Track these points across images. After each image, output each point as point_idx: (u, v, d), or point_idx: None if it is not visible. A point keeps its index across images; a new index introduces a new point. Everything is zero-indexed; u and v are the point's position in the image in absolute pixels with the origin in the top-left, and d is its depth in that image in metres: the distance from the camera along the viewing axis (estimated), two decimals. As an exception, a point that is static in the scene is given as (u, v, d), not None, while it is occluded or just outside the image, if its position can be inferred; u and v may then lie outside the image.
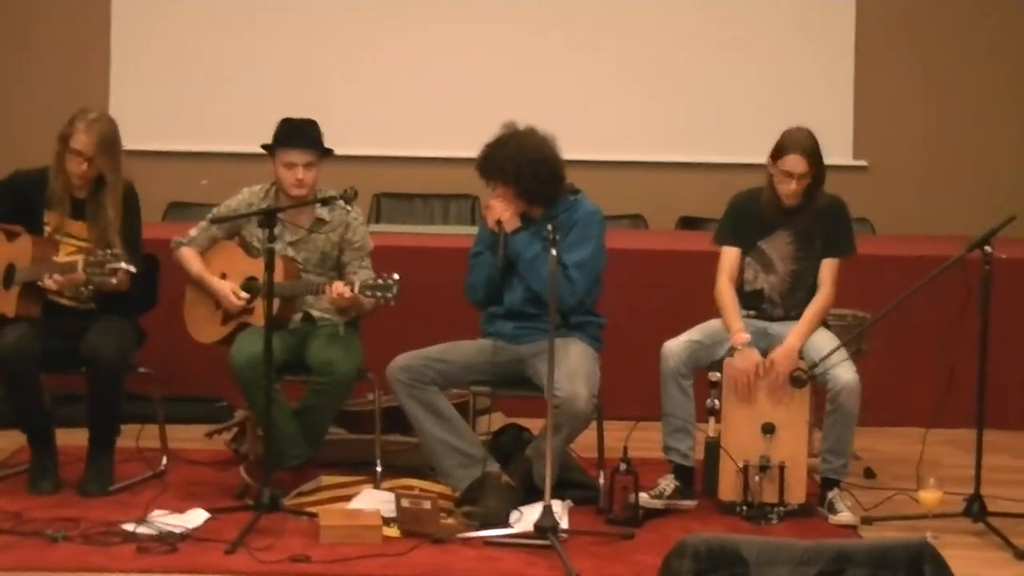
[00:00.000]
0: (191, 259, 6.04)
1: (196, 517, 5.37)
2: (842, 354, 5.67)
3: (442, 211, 9.30)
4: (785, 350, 5.75)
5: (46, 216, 5.84)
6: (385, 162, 9.36)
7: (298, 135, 5.94)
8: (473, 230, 6.35)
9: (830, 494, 5.75)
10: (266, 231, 5.42)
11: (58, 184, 5.80)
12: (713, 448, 5.85)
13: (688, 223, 9.29)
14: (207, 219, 6.06)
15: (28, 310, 5.78)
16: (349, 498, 5.74)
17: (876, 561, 2.93)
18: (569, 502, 5.68)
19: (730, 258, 5.97)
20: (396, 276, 5.57)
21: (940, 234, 8.65)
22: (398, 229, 8.42)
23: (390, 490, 5.67)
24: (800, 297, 5.90)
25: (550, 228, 5.29)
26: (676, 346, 5.80)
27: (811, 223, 5.86)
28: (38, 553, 5.02)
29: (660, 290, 7.30)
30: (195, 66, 9.39)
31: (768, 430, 5.71)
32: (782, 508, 5.69)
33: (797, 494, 5.73)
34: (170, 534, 5.17)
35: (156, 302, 6.14)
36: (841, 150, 9.33)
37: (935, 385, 6.83)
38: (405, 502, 5.34)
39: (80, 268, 5.53)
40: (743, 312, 5.91)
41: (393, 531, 5.32)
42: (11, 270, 5.79)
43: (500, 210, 5.72)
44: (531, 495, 5.51)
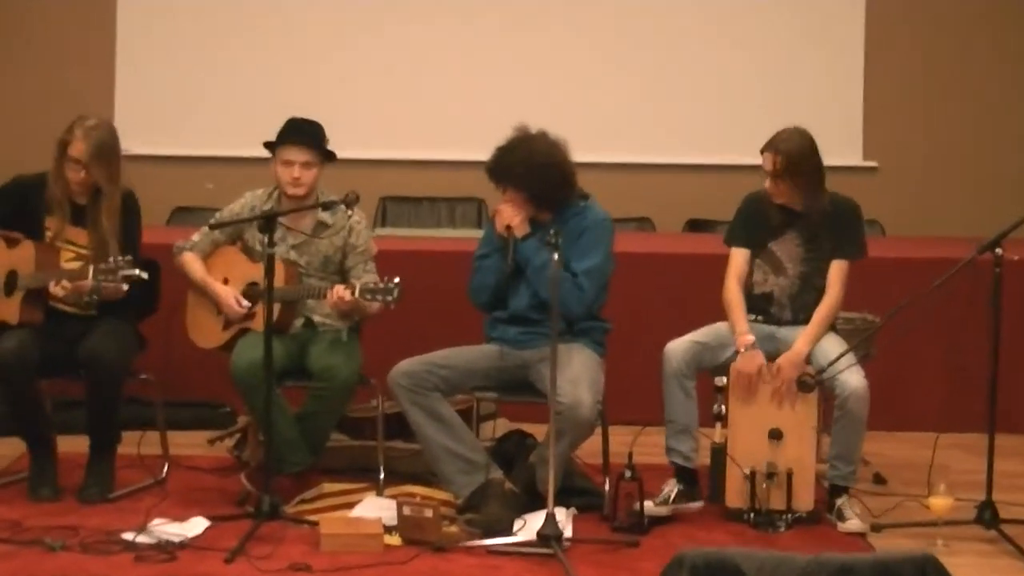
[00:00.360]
0: (193, 264, 5.99)
1: (196, 525, 5.33)
2: (850, 359, 5.60)
3: (448, 214, 9.25)
4: (792, 355, 5.69)
5: (47, 222, 5.81)
6: (391, 165, 9.33)
7: (297, 133, 5.90)
8: (479, 233, 6.28)
9: (838, 501, 5.69)
10: (265, 235, 5.38)
11: (58, 189, 5.77)
12: (719, 454, 5.81)
13: (695, 226, 9.24)
14: (205, 233, 6.01)
15: (31, 316, 5.74)
16: (351, 505, 5.70)
17: (880, 575, 2.86)
18: (573, 509, 5.62)
19: (739, 259, 5.92)
20: (397, 279, 5.52)
21: (950, 235, 8.58)
22: (403, 233, 8.37)
23: (392, 497, 5.61)
24: (809, 299, 5.83)
25: (553, 232, 5.24)
26: (679, 346, 5.74)
27: (820, 224, 5.79)
28: (37, 562, 4.97)
29: (667, 293, 7.25)
30: (200, 70, 9.35)
31: (775, 436, 5.65)
32: (790, 515, 5.63)
33: (805, 501, 5.67)
34: (169, 543, 5.13)
35: (157, 307, 6.09)
36: (850, 151, 9.28)
37: (945, 389, 6.81)
38: (407, 510, 5.29)
39: (90, 275, 5.49)
40: (751, 316, 5.85)
41: (395, 539, 5.28)
42: (13, 276, 5.76)
43: (510, 215, 5.67)
44: (534, 502, 5.43)
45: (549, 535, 5.14)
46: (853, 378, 5.58)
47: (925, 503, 5.57)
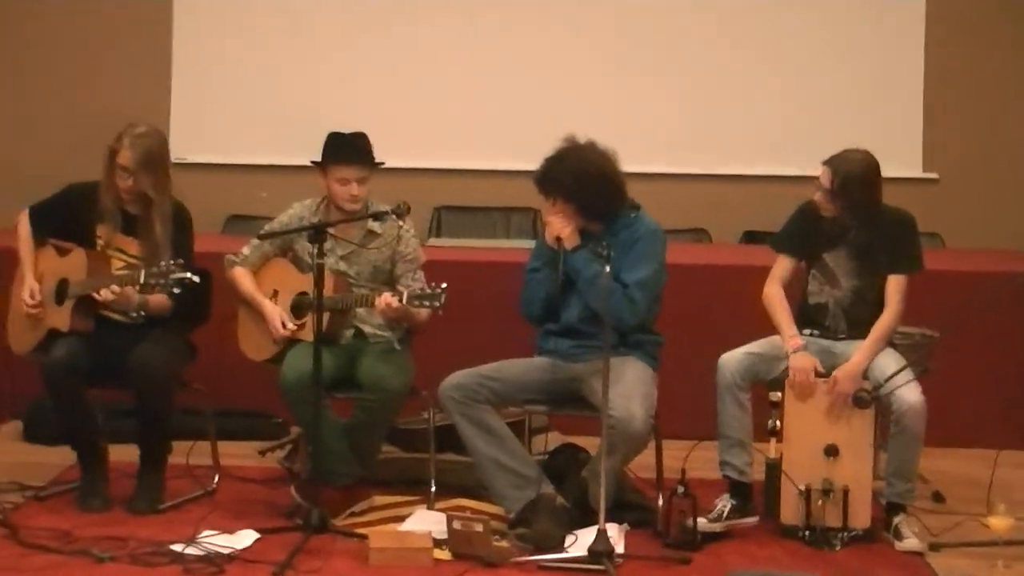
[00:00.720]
0: (242, 279, 5.98)
1: (245, 538, 5.31)
2: (907, 374, 5.51)
3: (503, 224, 9.21)
4: (850, 367, 5.60)
5: (98, 230, 5.82)
6: (446, 175, 9.28)
7: (351, 150, 5.87)
8: (533, 244, 6.23)
9: (896, 519, 5.60)
10: (315, 246, 5.35)
11: (109, 198, 5.79)
12: (774, 470, 5.73)
13: (752, 237, 9.14)
14: (255, 246, 6.00)
15: (82, 325, 5.75)
16: (401, 519, 5.66)
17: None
18: (626, 525, 5.56)
19: (783, 266, 5.87)
20: (444, 285, 5.47)
21: (1011, 248, 8.46)
22: (457, 243, 8.32)
23: (442, 511, 5.57)
24: (863, 313, 5.74)
25: (605, 244, 5.18)
26: (732, 358, 5.68)
27: (874, 238, 5.70)
28: (84, 573, 4.97)
29: (723, 306, 7.16)
30: (256, 79, 9.35)
31: (831, 452, 5.57)
32: (846, 533, 5.54)
33: (861, 518, 5.58)
34: (217, 555, 5.11)
35: (208, 317, 6.08)
36: (910, 162, 9.15)
37: (1007, 405, 6.68)
38: (457, 524, 5.24)
39: (141, 279, 5.48)
40: (806, 331, 5.78)
41: (444, 554, 5.23)
42: (64, 285, 5.77)
43: (559, 227, 5.62)
44: (586, 518, 5.38)
45: (600, 551, 5.08)
46: (910, 394, 5.50)
47: (985, 522, 5.46)
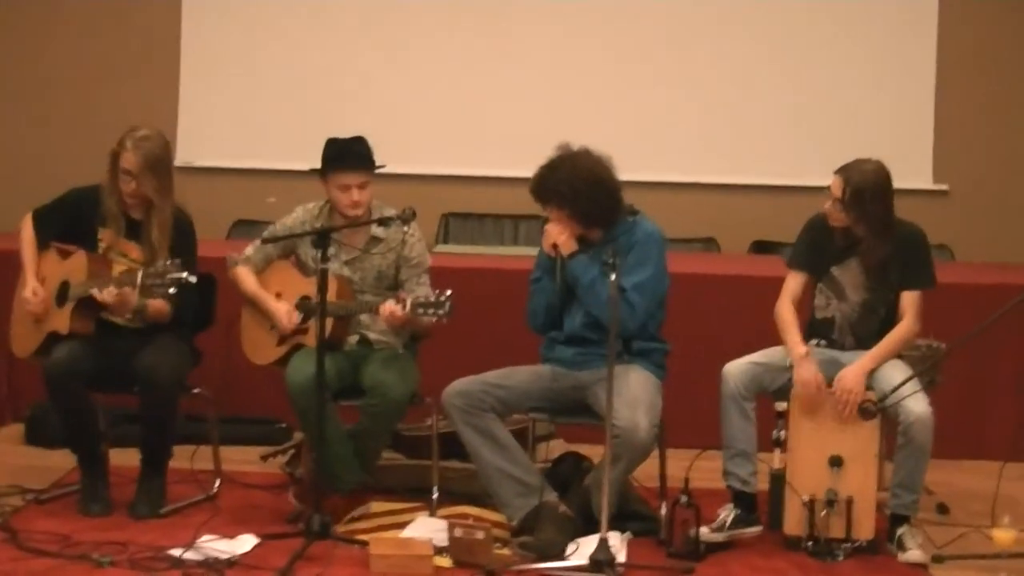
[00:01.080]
0: (246, 278, 5.96)
1: (245, 543, 5.28)
2: (914, 385, 5.48)
3: (511, 231, 9.18)
4: (855, 367, 5.57)
5: (100, 233, 5.81)
6: (454, 181, 9.26)
7: (349, 156, 5.84)
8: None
9: (900, 531, 5.56)
10: (319, 251, 5.33)
11: (112, 201, 5.78)
12: (778, 481, 5.70)
13: (761, 247, 9.12)
14: (259, 247, 5.98)
15: (82, 326, 5.72)
16: (401, 525, 5.63)
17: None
18: (629, 534, 5.54)
19: (795, 283, 5.84)
20: (448, 292, 5.44)
21: (1022, 261, 8.42)
22: (464, 249, 8.30)
23: (444, 518, 5.55)
24: (871, 328, 5.72)
25: (610, 253, 5.16)
26: (737, 368, 5.66)
27: (885, 252, 5.67)
28: (83, 578, 4.96)
29: (731, 315, 7.14)
30: (263, 84, 9.36)
31: (836, 463, 5.54)
32: (849, 544, 5.51)
33: (865, 530, 5.55)
34: (217, 561, 5.08)
35: (212, 321, 6.08)
36: (920, 174, 9.12)
37: (1014, 417, 6.65)
38: (458, 532, 5.22)
39: (138, 280, 5.46)
40: (813, 341, 5.75)
41: (445, 561, 5.20)
42: (65, 287, 5.76)
43: (556, 234, 5.60)
44: (589, 526, 5.35)
45: (602, 560, 5.05)
46: (917, 405, 5.46)
47: (989, 535, 5.44)
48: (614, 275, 5.15)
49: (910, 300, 5.69)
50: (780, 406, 5.75)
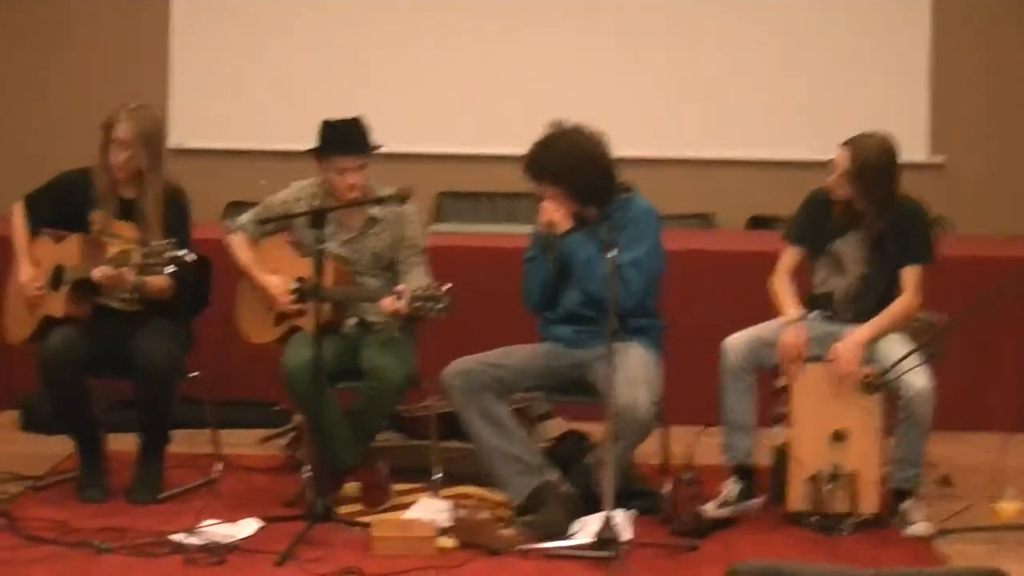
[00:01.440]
0: (240, 248, 5.92)
1: (246, 527, 5.24)
2: (915, 359, 5.44)
3: (507, 210, 9.14)
4: (848, 340, 5.53)
5: (92, 215, 5.74)
6: (448, 160, 9.22)
7: (348, 140, 5.79)
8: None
9: (903, 505, 5.54)
10: (316, 232, 5.30)
11: (103, 181, 5.73)
12: (781, 456, 5.67)
13: (758, 222, 9.10)
14: (254, 219, 5.91)
15: (78, 310, 5.67)
16: (407, 506, 5.58)
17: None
18: (633, 512, 5.49)
19: (791, 258, 5.81)
20: (447, 286, 5.39)
21: (1021, 233, 8.39)
22: (460, 229, 8.25)
23: (447, 499, 5.52)
24: (869, 302, 5.69)
25: (606, 230, 5.12)
26: (737, 341, 5.63)
27: (886, 227, 5.63)
28: (82, 565, 4.90)
29: (729, 291, 7.10)
30: (255, 65, 9.31)
31: (839, 438, 5.51)
32: (853, 519, 5.48)
33: (869, 504, 5.53)
34: (218, 545, 5.04)
35: (207, 304, 6.02)
36: (916, 147, 9.07)
37: (1016, 389, 6.63)
38: (461, 512, 5.20)
39: (136, 259, 5.41)
40: (813, 313, 5.72)
41: (449, 542, 5.17)
42: (59, 271, 5.70)
43: (551, 212, 5.55)
44: (591, 506, 5.31)
45: (607, 538, 5.02)
46: (918, 379, 5.44)
47: (993, 507, 5.42)
48: (612, 252, 5.11)
49: (910, 275, 5.66)
50: (780, 381, 5.72)
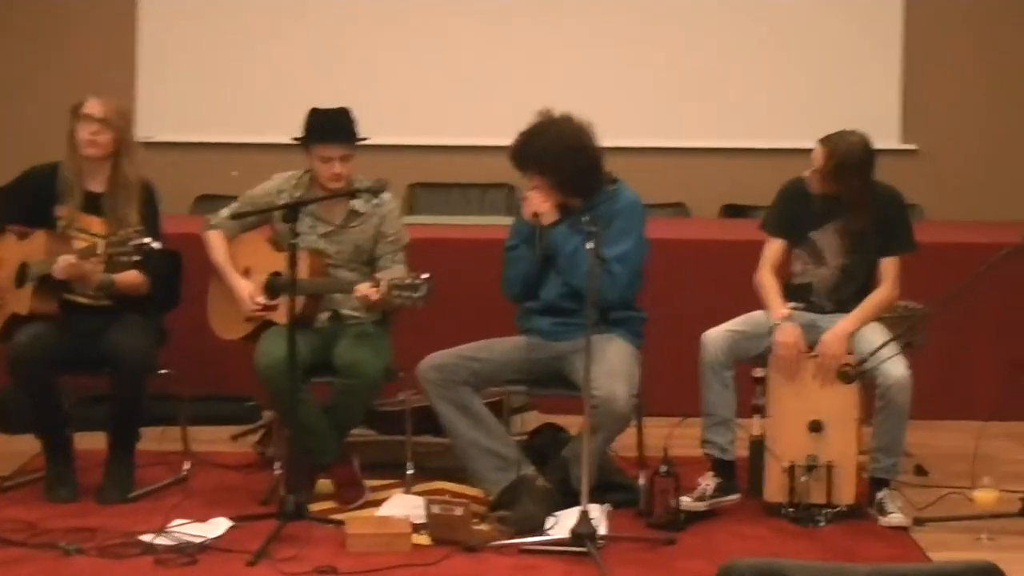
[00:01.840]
0: (216, 246, 5.84)
1: (218, 526, 5.17)
2: (893, 348, 5.41)
3: (479, 201, 9.09)
4: (835, 332, 5.52)
5: (58, 210, 5.66)
6: (420, 151, 9.15)
7: (334, 128, 5.72)
8: (510, 220, 6.11)
9: (880, 494, 5.52)
10: (290, 225, 5.22)
11: (70, 171, 5.65)
12: (758, 448, 5.65)
13: (731, 211, 9.06)
14: (232, 214, 5.85)
15: (43, 307, 5.59)
16: (379, 503, 5.53)
17: (942, 586, 2.69)
18: (608, 506, 5.46)
19: (774, 250, 5.77)
20: (426, 275, 5.33)
21: (995, 220, 8.37)
22: (432, 220, 8.19)
23: (421, 495, 5.47)
24: (848, 292, 5.68)
25: (588, 221, 5.07)
26: (716, 335, 5.59)
27: (866, 216, 5.60)
28: (51, 567, 4.82)
29: (703, 281, 7.08)
30: (223, 55, 9.22)
31: (815, 428, 5.48)
32: (830, 510, 5.46)
33: (846, 494, 5.51)
34: (190, 545, 4.97)
35: (179, 300, 5.96)
36: (888, 134, 9.03)
37: (992, 377, 6.62)
38: (436, 508, 5.13)
39: (101, 251, 5.34)
40: (791, 304, 5.69)
41: (424, 539, 5.12)
42: (24, 268, 5.61)
43: (537, 202, 5.49)
44: (568, 499, 5.29)
45: (583, 533, 4.97)
46: (896, 368, 5.42)
47: (970, 496, 5.40)
48: (592, 244, 5.06)
49: (890, 264, 5.65)
50: (758, 372, 5.69)
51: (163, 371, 5.78)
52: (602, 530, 5.16)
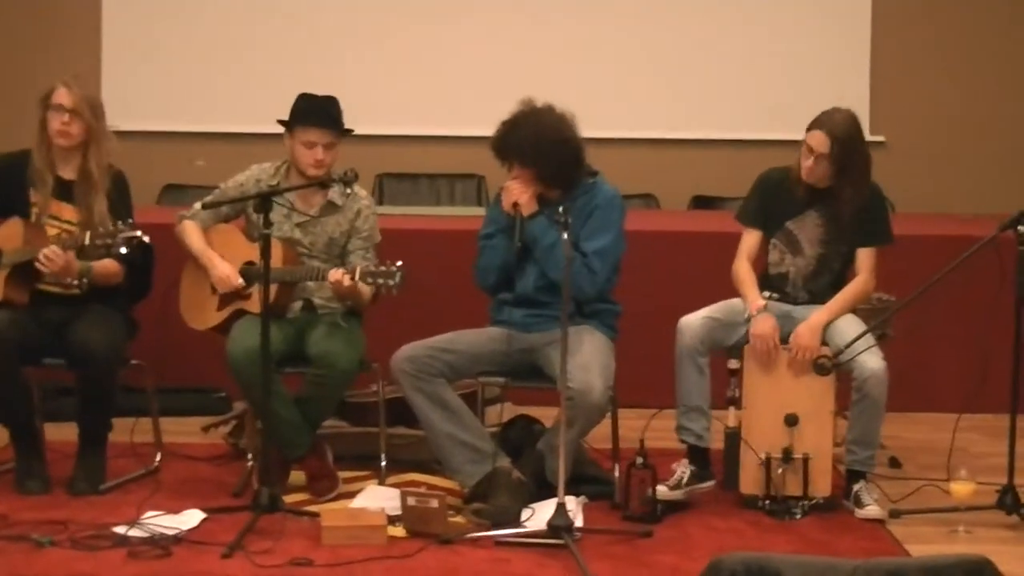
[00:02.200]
0: (192, 232, 5.76)
1: (191, 518, 5.13)
2: (868, 340, 5.41)
3: (448, 192, 9.05)
4: (809, 324, 5.50)
5: (32, 197, 5.59)
6: (388, 141, 9.09)
7: (320, 114, 5.68)
8: (480, 211, 6.08)
9: (856, 487, 5.52)
10: (261, 216, 5.16)
11: (41, 158, 5.57)
12: (734, 439, 5.62)
13: (702, 202, 9.06)
14: (206, 205, 5.79)
15: (15, 296, 5.51)
16: (352, 495, 5.49)
17: (931, 580, 2.67)
18: (583, 498, 5.44)
19: (751, 241, 5.75)
20: (399, 263, 5.29)
21: (962, 212, 8.40)
22: (401, 211, 8.15)
23: (395, 487, 5.43)
24: (824, 282, 5.67)
25: (561, 211, 5.04)
26: (693, 321, 5.57)
27: (843, 207, 5.59)
28: (23, 560, 4.75)
29: (675, 272, 7.07)
30: (189, 43, 9.14)
31: (791, 422, 5.46)
32: (806, 502, 5.45)
33: (822, 487, 5.50)
34: (163, 537, 4.92)
35: (150, 290, 5.89)
36: (858, 125, 9.04)
37: (966, 369, 6.63)
38: (411, 500, 5.10)
39: (86, 240, 5.26)
40: (766, 294, 5.67)
41: (399, 531, 5.09)
42: None
43: (517, 193, 5.45)
44: (543, 491, 5.27)
45: (559, 526, 4.95)
46: (871, 360, 5.41)
47: (945, 488, 5.41)
48: (565, 234, 5.03)
49: (866, 256, 5.65)
50: (733, 363, 5.68)
51: (133, 362, 5.71)
52: (578, 522, 5.14)
